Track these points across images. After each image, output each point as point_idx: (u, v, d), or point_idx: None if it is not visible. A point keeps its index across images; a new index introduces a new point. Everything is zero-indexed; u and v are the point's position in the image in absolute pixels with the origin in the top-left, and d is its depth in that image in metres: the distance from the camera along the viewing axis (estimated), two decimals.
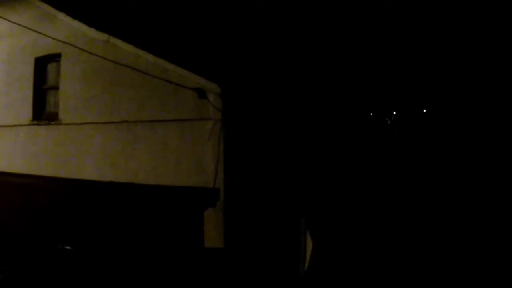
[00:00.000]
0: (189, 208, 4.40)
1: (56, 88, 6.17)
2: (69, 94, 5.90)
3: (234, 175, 4.82)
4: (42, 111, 6.43)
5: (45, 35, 5.55)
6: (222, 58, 5.05)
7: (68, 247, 4.35)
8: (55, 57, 6.14)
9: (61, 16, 5.98)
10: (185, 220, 4.41)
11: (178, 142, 4.98)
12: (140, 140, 5.24)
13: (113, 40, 5.34)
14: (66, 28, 5.90)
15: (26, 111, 6.42)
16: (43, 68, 6.43)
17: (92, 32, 5.59)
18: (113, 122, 5.39)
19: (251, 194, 5.09)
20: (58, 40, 5.54)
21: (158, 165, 5.21)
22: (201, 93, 4.67)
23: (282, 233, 5.85)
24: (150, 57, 5.00)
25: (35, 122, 6.35)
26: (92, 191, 5.09)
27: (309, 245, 5.85)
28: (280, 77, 5.35)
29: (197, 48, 5.16)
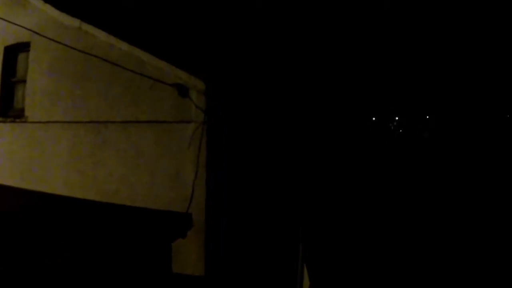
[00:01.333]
0: (153, 241, 3.58)
1: (25, 81, 5.45)
2: (37, 88, 5.15)
3: (219, 190, 4.02)
4: (10, 107, 5.69)
5: (10, 22, 4.84)
6: (208, 48, 4.27)
7: None
8: (25, 46, 5.42)
9: (32, 0, 5.27)
10: (149, 253, 3.59)
11: (153, 147, 4.20)
12: (110, 144, 4.46)
13: (85, 26, 4.59)
14: (37, 13, 5.17)
15: None
16: (13, 58, 5.70)
17: (63, 18, 4.86)
18: (81, 122, 4.62)
19: (238, 211, 4.28)
20: (24, 27, 4.82)
21: (130, 174, 4.42)
22: (182, 90, 3.89)
23: (275, 259, 5.00)
24: (125, 46, 4.24)
25: (1, 119, 5.62)
26: (46, 210, 4.30)
27: (306, 282, 5.00)
28: (275, 76, 4.53)
29: (179, 36, 4.40)
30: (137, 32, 4.27)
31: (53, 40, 4.56)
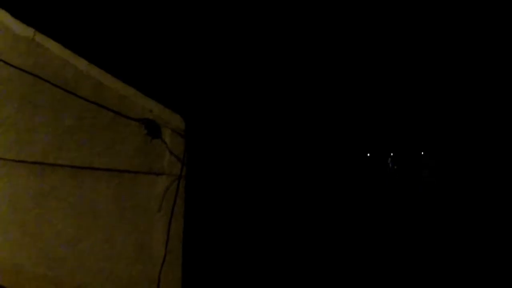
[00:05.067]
0: None
1: None
2: None
3: (202, 275, 2.77)
4: None
5: None
6: (190, 72, 3.12)
7: None
8: None
9: None
10: None
11: (111, 205, 2.99)
12: (58, 195, 3.28)
13: (40, 37, 3.52)
14: None
15: None
16: None
17: (17, 27, 3.81)
18: (24, 162, 3.47)
19: None
20: None
21: (82, 237, 3.21)
22: (153, 129, 2.73)
23: None
24: (82, 64, 3.12)
25: None
26: None
27: None
28: (276, 107, 3.37)
29: (152, 54, 3.30)
30: (97, 45, 3.18)
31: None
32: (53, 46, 3.42)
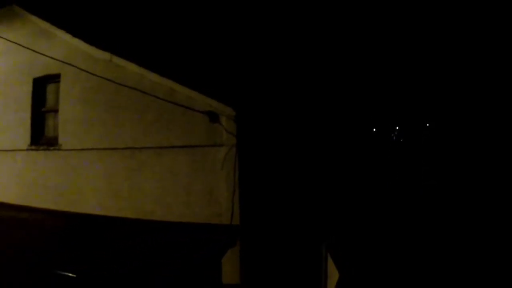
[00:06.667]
0: (207, 254, 3.92)
1: (55, 111, 5.76)
2: (69, 117, 5.48)
3: (251, 206, 4.34)
4: (41, 136, 6.01)
5: (42, 54, 5.14)
6: (236, 78, 4.60)
7: None
8: (54, 78, 5.74)
9: (60, 33, 5.59)
10: (202, 267, 3.92)
11: (187, 170, 4.52)
12: (145, 168, 4.79)
13: (116, 59, 4.92)
14: (65, 46, 5.51)
15: (24, 135, 6.01)
16: (42, 89, 6.02)
17: (93, 51, 5.19)
18: (115, 148, 4.94)
19: (269, 225, 4.61)
20: (56, 59, 5.12)
21: (165, 195, 4.74)
22: (213, 117, 4.22)
23: (303, 265, 5.35)
24: (155, 77, 4.56)
25: (33, 147, 5.92)
26: (101, 228, 4.61)
27: (332, 272, 5.34)
28: (295, 99, 4.90)
29: (208, 67, 4.72)
30: (167, 63, 4.57)
31: (85, 71, 4.85)
32: (129, 65, 4.84)
